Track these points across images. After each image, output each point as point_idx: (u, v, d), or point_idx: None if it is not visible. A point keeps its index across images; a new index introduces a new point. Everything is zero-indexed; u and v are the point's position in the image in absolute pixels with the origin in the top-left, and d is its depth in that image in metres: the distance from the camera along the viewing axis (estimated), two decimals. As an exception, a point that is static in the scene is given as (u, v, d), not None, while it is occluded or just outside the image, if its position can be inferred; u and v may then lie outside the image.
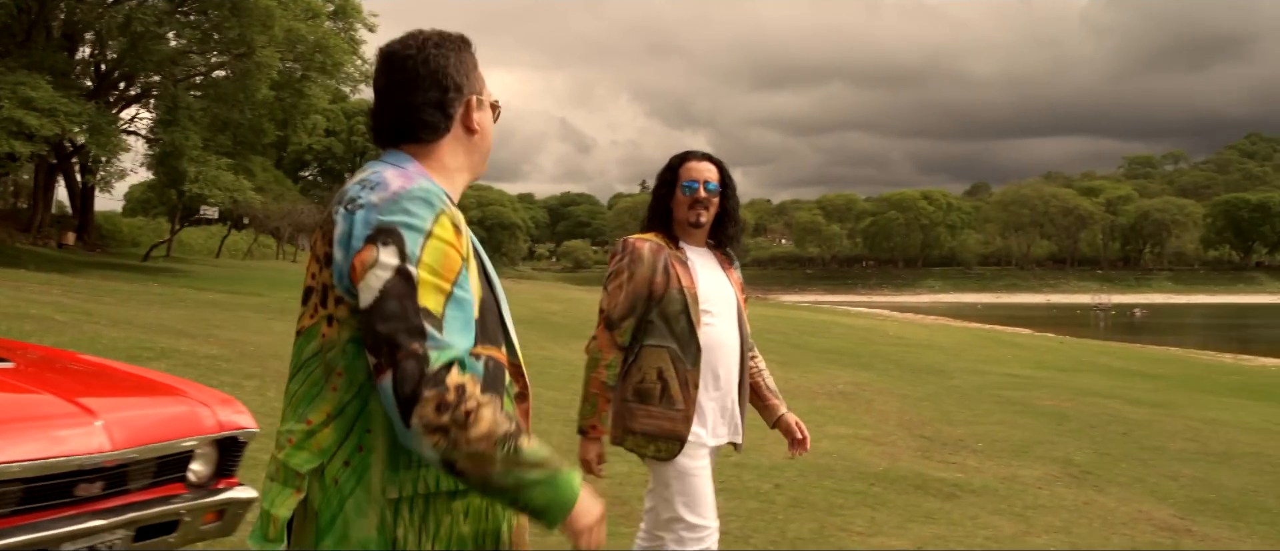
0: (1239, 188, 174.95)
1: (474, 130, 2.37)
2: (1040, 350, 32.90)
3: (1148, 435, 12.87)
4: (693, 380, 3.98)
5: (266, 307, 23.51)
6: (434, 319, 2.02)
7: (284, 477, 2.16)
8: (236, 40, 32.96)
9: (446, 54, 2.33)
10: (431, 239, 2.08)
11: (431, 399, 1.95)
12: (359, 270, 2.06)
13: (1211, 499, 9.15)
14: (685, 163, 4.19)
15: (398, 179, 2.16)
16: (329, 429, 2.13)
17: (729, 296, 4.16)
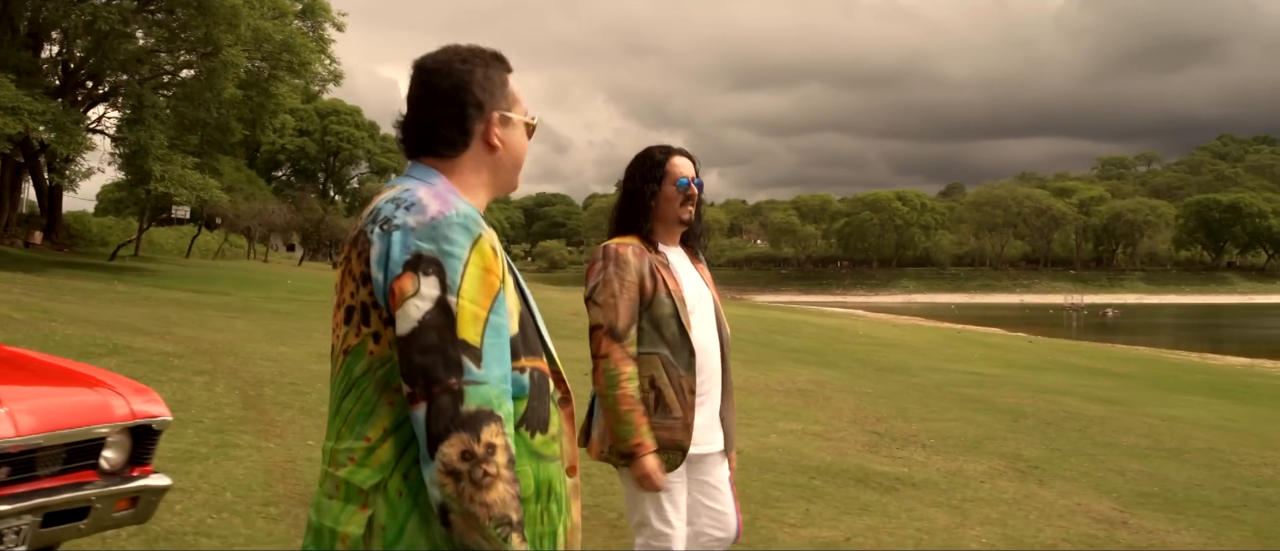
0: (1211, 189, 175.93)
1: (494, 147, 2.39)
2: (1008, 349, 33.02)
3: (1102, 431, 12.92)
4: (689, 385, 3.85)
5: (229, 306, 23.45)
6: (473, 352, 2.06)
7: (346, 495, 2.17)
8: (203, 39, 32.76)
9: (472, 69, 2.36)
10: (470, 267, 2.11)
11: (460, 443, 2.01)
12: (397, 297, 2.10)
13: (1155, 492, 9.19)
14: (670, 158, 4.03)
15: (434, 201, 2.19)
16: (387, 444, 2.15)
17: (707, 297, 4.04)
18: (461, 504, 2.01)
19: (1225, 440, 12.97)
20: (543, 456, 2.27)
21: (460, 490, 2.00)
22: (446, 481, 2.01)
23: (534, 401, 2.25)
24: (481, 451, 2.01)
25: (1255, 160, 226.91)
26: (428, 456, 2.03)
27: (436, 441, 2.01)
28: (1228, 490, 9.53)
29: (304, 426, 9.29)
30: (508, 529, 2.04)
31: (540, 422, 2.27)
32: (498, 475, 2.03)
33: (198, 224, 61.93)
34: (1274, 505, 8.98)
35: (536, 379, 2.27)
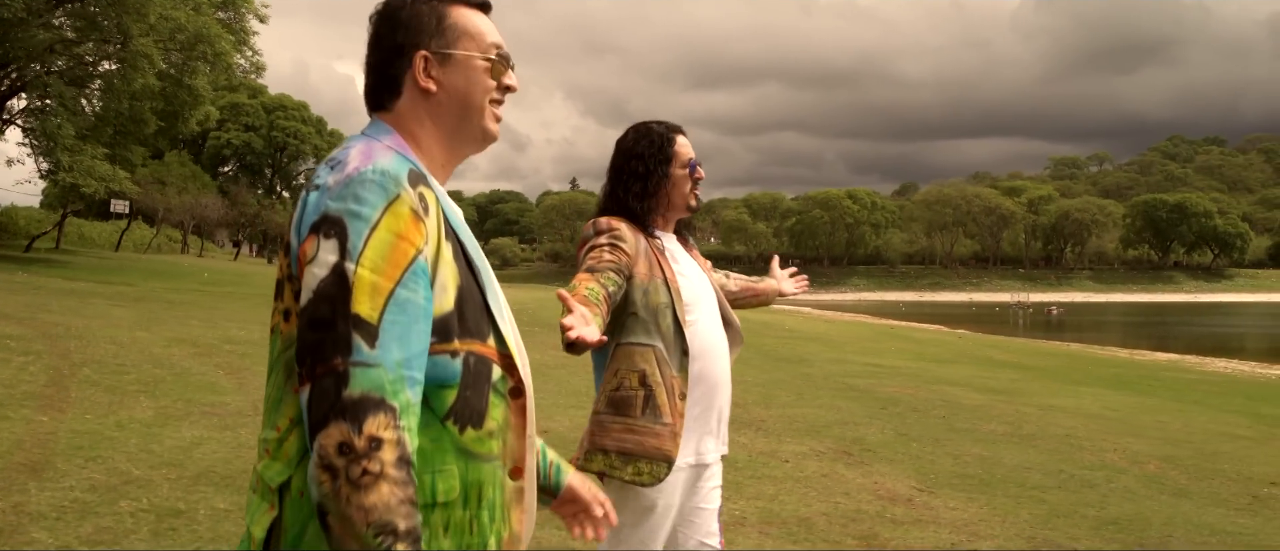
0: (1161, 189, 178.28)
1: (427, 91, 2.07)
2: (931, 344, 33.04)
3: (966, 419, 12.81)
4: (680, 389, 3.34)
5: (124, 296, 23.22)
6: (366, 329, 1.76)
7: (262, 492, 1.90)
8: (115, 29, 32.25)
9: (401, 7, 2.08)
10: (378, 230, 1.81)
11: (338, 433, 1.71)
12: (300, 263, 1.83)
13: (973, 474, 9.07)
14: (676, 136, 3.61)
15: (358, 157, 1.90)
16: (293, 436, 1.87)
17: (709, 289, 3.59)
18: (337, 505, 1.70)
19: (1089, 427, 12.89)
20: (474, 455, 1.93)
21: (336, 488, 1.69)
22: (323, 477, 1.70)
23: (467, 391, 1.92)
24: (362, 445, 1.70)
25: (1204, 161, 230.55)
26: (309, 446, 1.74)
27: (315, 430, 1.72)
28: (1055, 472, 9.41)
29: (96, 403, 9.17)
30: (391, 538, 1.71)
31: (473, 416, 1.93)
32: (381, 474, 1.71)
33: (128, 218, 61.18)
34: (1092, 487, 8.86)
35: (473, 364, 1.94)
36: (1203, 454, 11.34)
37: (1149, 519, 7.72)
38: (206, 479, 6.75)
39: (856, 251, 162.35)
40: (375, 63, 2.09)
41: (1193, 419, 15.07)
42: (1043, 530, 7.13)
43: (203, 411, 9.19)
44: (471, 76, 2.11)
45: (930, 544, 6.54)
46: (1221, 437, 13.06)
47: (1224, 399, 19.13)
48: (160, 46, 33.51)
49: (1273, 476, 10.07)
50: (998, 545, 6.64)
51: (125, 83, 32.95)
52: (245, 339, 15.71)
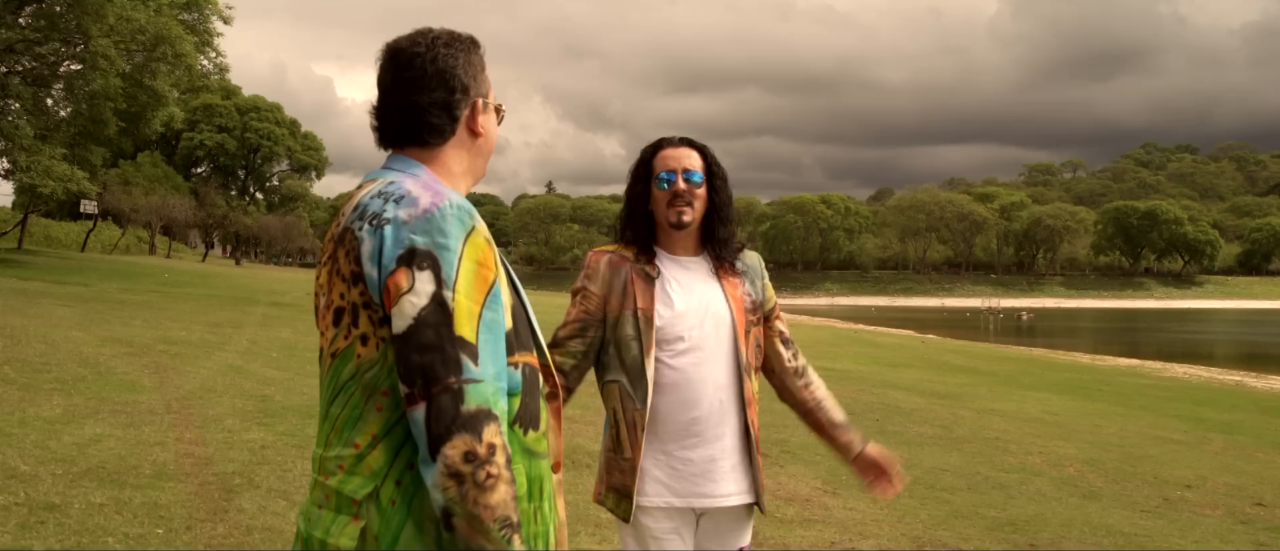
0: (1134, 195, 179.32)
1: (478, 134, 2.30)
2: (890, 349, 33.14)
3: (898, 422, 12.87)
4: (641, 422, 3.20)
5: (74, 297, 23.13)
6: (470, 349, 1.97)
7: (337, 505, 2.06)
8: (74, 30, 32.08)
9: (455, 54, 2.25)
10: (464, 260, 2.01)
11: (463, 444, 1.91)
12: (392, 294, 1.98)
13: (886, 477, 9.07)
14: (659, 151, 3.40)
15: (425, 193, 2.06)
16: (378, 450, 2.04)
17: (721, 318, 3.29)
18: (465, 507, 1.91)
19: (1022, 431, 12.98)
20: (535, 454, 2.18)
21: (464, 492, 1.91)
22: (449, 484, 1.91)
23: (527, 397, 2.16)
24: (484, 452, 1.92)
25: (1177, 168, 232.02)
26: (428, 458, 1.92)
27: (438, 443, 1.91)
28: (970, 474, 9.48)
29: (6, 400, 9.27)
30: (510, 530, 1.95)
31: (532, 419, 2.18)
32: (500, 476, 1.94)
33: (93, 218, 60.84)
34: (1002, 488, 8.93)
35: (528, 374, 2.18)
36: (1129, 457, 11.43)
37: (1048, 520, 7.77)
38: (93, 475, 6.71)
39: (830, 256, 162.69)
40: (429, 102, 2.22)
41: (1130, 423, 15.18)
42: (936, 530, 7.17)
43: (112, 409, 9.14)
44: (496, 123, 2.38)
45: (809, 543, 6.56)
46: (1153, 441, 13.16)
47: (1169, 403, 19.25)
48: (121, 48, 33.28)
49: (1189, 479, 10.16)
50: (878, 544, 6.67)
51: (84, 83, 32.75)
52: (184, 339, 15.64)
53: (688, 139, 3.44)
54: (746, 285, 3.38)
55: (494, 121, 2.37)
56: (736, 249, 3.42)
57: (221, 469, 7.17)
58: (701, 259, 3.39)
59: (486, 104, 2.32)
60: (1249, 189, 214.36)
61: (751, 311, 3.35)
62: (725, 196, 3.40)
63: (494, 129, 2.37)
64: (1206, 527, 8.03)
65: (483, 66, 2.33)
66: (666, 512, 3.25)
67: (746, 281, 3.39)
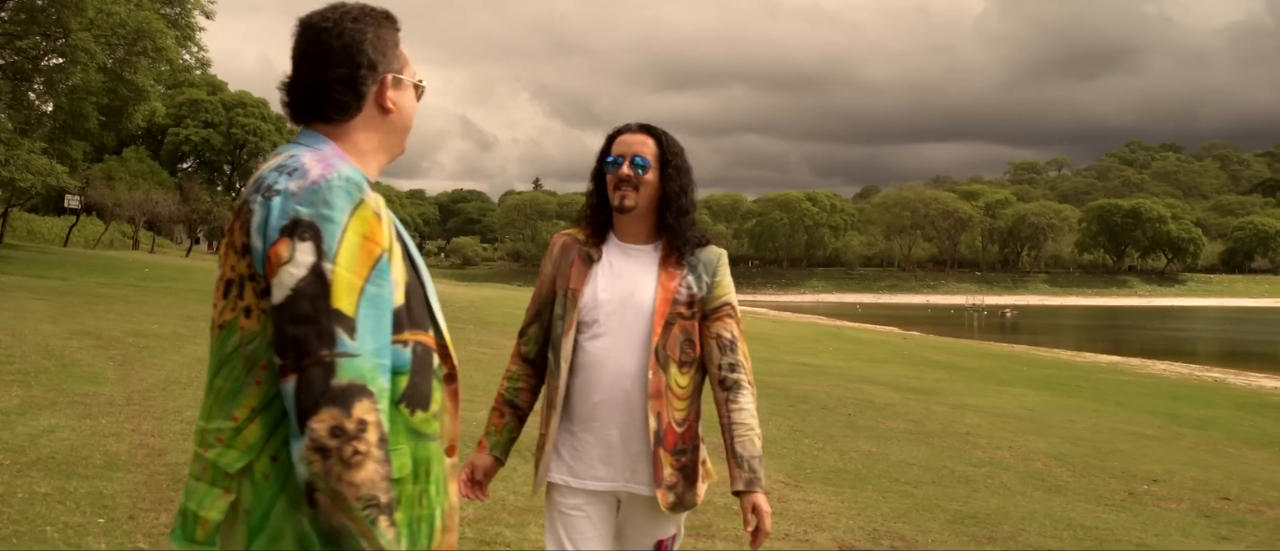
0: (1118, 194, 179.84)
1: (388, 110, 2.26)
2: (871, 345, 33.11)
3: (869, 417, 12.86)
4: (556, 400, 3.25)
5: (50, 290, 23.20)
6: (347, 322, 1.93)
7: (212, 477, 2.04)
8: (54, 23, 31.92)
9: (364, 29, 2.22)
10: (348, 233, 1.98)
11: (330, 418, 1.88)
12: (273, 264, 1.96)
13: (851, 469, 9.11)
14: (616, 136, 3.40)
15: (317, 165, 2.05)
16: (255, 423, 2.02)
17: (640, 306, 3.25)
18: (329, 482, 1.88)
19: (994, 425, 12.96)
20: (422, 434, 2.15)
21: (328, 468, 1.87)
22: (314, 458, 1.87)
23: (416, 376, 2.12)
24: (352, 428, 1.89)
25: (1161, 167, 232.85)
26: (297, 431, 1.89)
27: (306, 416, 1.88)
28: (936, 468, 9.45)
29: None
30: (376, 510, 1.91)
31: (421, 399, 2.14)
32: (368, 453, 1.90)
33: (76, 213, 60.64)
34: (967, 482, 8.91)
35: (419, 353, 2.15)
36: (1099, 452, 11.42)
37: (1009, 513, 7.75)
38: (42, 465, 6.66)
39: (816, 253, 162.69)
40: (333, 78, 2.18)
41: (1104, 418, 15.19)
42: (895, 523, 7.14)
43: (71, 401, 9.07)
44: (412, 100, 2.33)
45: (764, 534, 6.52)
46: (1125, 436, 13.16)
47: (1146, 400, 19.29)
48: (101, 41, 33.12)
49: (1157, 474, 10.15)
50: (834, 537, 6.64)
51: (64, 77, 32.60)
52: (155, 332, 15.56)
53: (647, 126, 3.42)
54: (688, 278, 3.31)
55: (409, 98, 2.32)
56: (695, 241, 3.36)
57: (173, 460, 7.12)
58: (651, 248, 3.36)
59: (400, 80, 2.27)
60: (1233, 187, 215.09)
61: (684, 305, 3.28)
62: (678, 186, 3.35)
63: (408, 105, 2.31)
64: (1169, 521, 8.02)
65: (395, 42, 2.28)
66: (570, 490, 3.26)
67: (690, 275, 3.32)
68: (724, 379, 3.33)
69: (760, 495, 3.22)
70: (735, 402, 3.31)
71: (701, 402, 3.38)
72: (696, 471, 3.34)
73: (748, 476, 3.24)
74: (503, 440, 3.42)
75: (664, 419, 3.23)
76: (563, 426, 3.29)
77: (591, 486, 3.26)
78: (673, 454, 3.25)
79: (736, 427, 3.30)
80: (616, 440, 3.24)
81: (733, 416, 3.31)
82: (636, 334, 3.25)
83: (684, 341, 3.29)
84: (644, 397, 3.22)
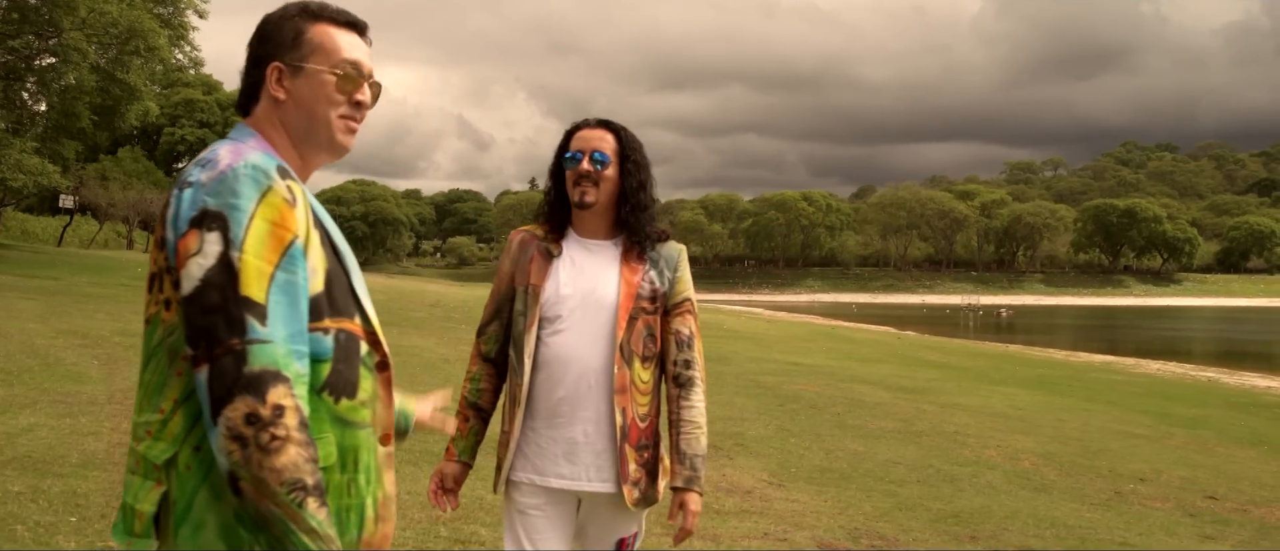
0: (1114, 194, 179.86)
1: (278, 99, 2.24)
2: (864, 344, 33.07)
3: (858, 416, 12.82)
4: (520, 396, 3.24)
5: (41, 290, 23.25)
6: (257, 310, 1.94)
7: (144, 470, 2.05)
8: (47, 22, 31.88)
9: (271, 20, 2.26)
10: (256, 220, 1.99)
11: (244, 406, 1.88)
12: (182, 256, 1.97)
13: (836, 468, 9.08)
14: (575, 133, 3.38)
15: (228, 155, 2.07)
16: (178, 415, 2.03)
17: (604, 301, 3.24)
18: (249, 470, 1.88)
19: (983, 425, 12.94)
20: (349, 423, 2.13)
21: (247, 455, 1.87)
22: (232, 446, 1.88)
23: (340, 364, 2.11)
24: (268, 414, 1.89)
25: (1157, 167, 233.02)
26: (211, 422, 1.90)
27: (220, 405, 1.89)
28: (922, 467, 9.43)
29: None
30: (302, 493, 1.90)
31: (347, 387, 2.13)
32: (288, 438, 1.90)
33: (70, 213, 60.59)
34: (952, 481, 8.89)
35: (343, 340, 2.13)
36: (1087, 451, 11.40)
37: (993, 512, 7.73)
38: (17, 464, 6.64)
39: (812, 253, 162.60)
40: (245, 73, 2.27)
41: (1095, 417, 15.17)
42: (877, 522, 7.11)
43: (53, 400, 9.04)
44: (318, 89, 2.25)
45: (742, 534, 6.51)
46: (1114, 435, 13.15)
47: (1138, 399, 19.27)
48: (93, 40, 33.07)
49: (1144, 473, 10.14)
50: (814, 536, 6.61)
51: (56, 76, 32.55)
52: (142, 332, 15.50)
53: (606, 122, 3.41)
54: (650, 273, 3.32)
55: (312, 86, 2.26)
56: (655, 236, 3.36)
57: (152, 459, 7.07)
58: (611, 243, 3.37)
59: (298, 68, 2.24)
60: (1228, 187, 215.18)
61: (647, 300, 3.30)
62: (637, 181, 3.35)
63: (311, 94, 2.26)
64: (1153, 520, 8.00)
65: (299, 30, 2.26)
66: (532, 488, 3.25)
67: (652, 270, 3.33)
68: (678, 375, 3.34)
69: (694, 495, 3.25)
70: (687, 400, 3.33)
71: (661, 398, 3.37)
72: (658, 467, 3.35)
73: (688, 474, 3.27)
74: (469, 445, 3.42)
75: (628, 414, 3.25)
76: (526, 423, 3.28)
77: (555, 484, 3.26)
78: (637, 449, 3.27)
79: (685, 424, 3.31)
80: (581, 436, 3.24)
81: (682, 413, 3.32)
82: (601, 329, 3.24)
83: (647, 336, 3.30)
84: (609, 393, 3.23)
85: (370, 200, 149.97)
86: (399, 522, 6.04)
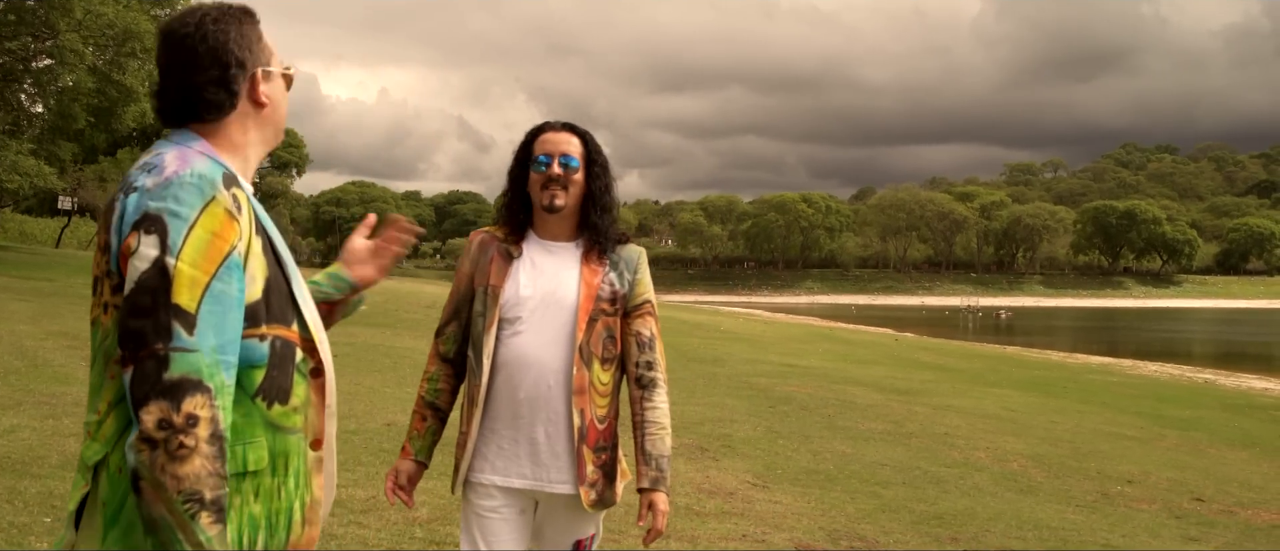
0: (1113, 195, 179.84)
1: (262, 104, 2.31)
2: (861, 346, 33.07)
3: (849, 417, 12.80)
4: (478, 397, 3.23)
5: (36, 291, 23.27)
6: (185, 318, 1.97)
7: (82, 468, 2.11)
8: (42, 24, 31.85)
9: (226, 28, 2.26)
10: (196, 228, 2.02)
11: (158, 411, 1.92)
12: (124, 258, 2.01)
13: (822, 470, 9.07)
14: (539, 134, 3.38)
15: (174, 162, 2.10)
16: (112, 417, 2.07)
17: (564, 303, 3.25)
18: (152, 472, 1.92)
19: (974, 426, 12.94)
20: (281, 428, 2.19)
21: (153, 459, 1.92)
22: (142, 448, 1.93)
23: (273, 370, 2.16)
24: (180, 422, 1.93)
25: (1156, 169, 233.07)
26: (135, 421, 1.94)
27: (137, 407, 1.94)
28: (908, 469, 9.42)
29: None
30: (197, 505, 1.94)
31: (280, 393, 2.18)
32: (195, 449, 1.93)
33: (68, 215, 60.69)
34: (938, 483, 8.89)
35: (278, 347, 2.18)
36: (1077, 453, 11.40)
37: (976, 514, 7.71)
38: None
39: (811, 255, 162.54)
40: (205, 80, 2.21)
41: (1087, 419, 15.17)
42: (859, 524, 7.10)
43: (37, 401, 9.03)
44: (283, 90, 2.39)
45: (721, 535, 6.48)
46: (1106, 437, 13.14)
47: (1132, 401, 19.27)
48: (89, 43, 33.04)
49: (1132, 474, 10.13)
50: (793, 538, 6.59)
51: (53, 78, 32.55)
52: (135, 333, 15.52)
53: (570, 124, 3.43)
54: (610, 275, 3.34)
55: (280, 88, 2.37)
56: (616, 239, 3.38)
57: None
58: (572, 245, 3.37)
59: (269, 73, 2.32)
60: (1228, 189, 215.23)
61: (608, 301, 3.31)
62: (603, 184, 3.37)
63: (280, 95, 2.37)
64: (1138, 522, 8.00)
65: (259, 36, 2.32)
66: (489, 489, 3.26)
67: (612, 272, 3.35)
68: (641, 377, 3.35)
69: (661, 495, 3.26)
70: (650, 401, 3.33)
71: (620, 400, 3.38)
72: (615, 469, 3.35)
73: (654, 475, 3.27)
74: (426, 444, 3.42)
75: (587, 415, 3.25)
76: (485, 424, 3.28)
77: (516, 484, 3.26)
78: (594, 450, 3.27)
79: (649, 426, 3.32)
80: (541, 437, 3.25)
81: (646, 414, 3.33)
82: (560, 330, 3.25)
83: (606, 338, 3.31)
84: (567, 394, 3.23)
85: (369, 201, 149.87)
86: (375, 524, 6.04)
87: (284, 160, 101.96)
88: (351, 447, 8.19)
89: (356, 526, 6.00)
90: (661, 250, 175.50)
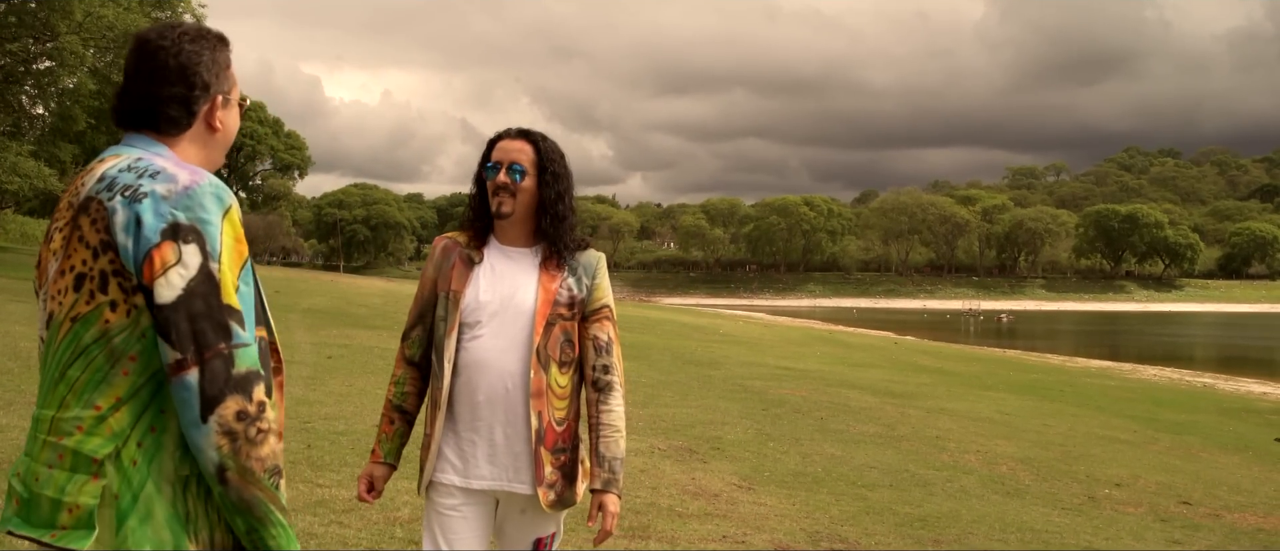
0: (1115, 199, 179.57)
1: (216, 129, 2.40)
2: (859, 349, 33.15)
3: (842, 420, 12.82)
4: (440, 400, 3.31)
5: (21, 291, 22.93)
6: (237, 316, 2.13)
7: (73, 464, 2.13)
8: (43, 26, 31.95)
9: (200, 51, 2.35)
10: (223, 235, 2.15)
11: (236, 404, 2.09)
12: (157, 266, 2.09)
13: (810, 472, 9.10)
14: (496, 143, 3.43)
15: (182, 172, 2.19)
16: (122, 412, 2.14)
17: (522, 308, 3.31)
18: (239, 461, 2.10)
19: (966, 429, 12.97)
20: None
21: (237, 448, 2.10)
22: (223, 441, 2.09)
23: (262, 369, 2.26)
24: (254, 410, 2.12)
25: (1159, 172, 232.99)
26: (199, 420, 2.07)
27: (212, 404, 2.08)
28: (897, 472, 9.43)
29: None
30: (278, 477, 2.18)
31: (267, 388, 2.27)
32: (269, 429, 2.15)
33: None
34: (925, 486, 8.90)
35: (263, 347, 2.29)
36: (1066, 456, 11.42)
37: (960, 517, 7.73)
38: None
39: (813, 258, 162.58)
40: (169, 95, 2.29)
41: (1081, 423, 15.20)
42: (841, 526, 7.12)
43: (28, 402, 9.03)
44: (236, 118, 2.48)
45: (702, 537, 6.50)
46: (1098, 440, 13.17)
47: (1128, 404, 19.32)
48: (90, 44, 33.13)
49: (1121, 478, 10.16)
50: (773, 539, 6.61)
51: (52, 80, 32.66)
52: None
53: (526, 132, 3.48)
54: (568, 280, 3.39)
55: (234, 116, 2.46)
56: (574, 245, 3.43)
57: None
58: (531, 251, 3.43)
59: (228, 100, 2.41)
60: (1230, 193, 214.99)
61: (565, 306, 3.36)
62: (556, 191, 3.40)
63: (233, 123, 2.46)
64: (1123, 525, 8.02)
65: (227, 63, 2.41)
66: (450, 489, 3.33)
67: (570, 277, 3.40)
68: (597, 380, 3.41)
69: (613, 497, 3.32)
70: (606, 404, 3.39)
71: (580, 402, 3.44)
72: (576, 470, 3.41)
73: (606, 476, 3.34)
74: (394, 446, 3.49)
75: (545, 418, 3.30)
76: (448, 426, 3.35)
77: (476, 485, 3.32)
78: (553, 452, 3.32)
79: (604, 428, 3.37)
80: (500, 439, 3.31)
81: (602, 417, 3.38)
82: (518, 334, 3.31)
83: (564, 342, 3.36)
84: (526, 397, 3.30)
85: (372, 204, 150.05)
86: (356, 524, 6.08)
87: (287, 162, 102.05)
88: (337, 449, 8.23)
89: (338, 526, 6.04)
90: (663, 253, 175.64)
